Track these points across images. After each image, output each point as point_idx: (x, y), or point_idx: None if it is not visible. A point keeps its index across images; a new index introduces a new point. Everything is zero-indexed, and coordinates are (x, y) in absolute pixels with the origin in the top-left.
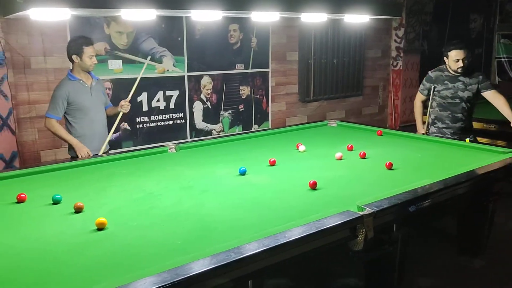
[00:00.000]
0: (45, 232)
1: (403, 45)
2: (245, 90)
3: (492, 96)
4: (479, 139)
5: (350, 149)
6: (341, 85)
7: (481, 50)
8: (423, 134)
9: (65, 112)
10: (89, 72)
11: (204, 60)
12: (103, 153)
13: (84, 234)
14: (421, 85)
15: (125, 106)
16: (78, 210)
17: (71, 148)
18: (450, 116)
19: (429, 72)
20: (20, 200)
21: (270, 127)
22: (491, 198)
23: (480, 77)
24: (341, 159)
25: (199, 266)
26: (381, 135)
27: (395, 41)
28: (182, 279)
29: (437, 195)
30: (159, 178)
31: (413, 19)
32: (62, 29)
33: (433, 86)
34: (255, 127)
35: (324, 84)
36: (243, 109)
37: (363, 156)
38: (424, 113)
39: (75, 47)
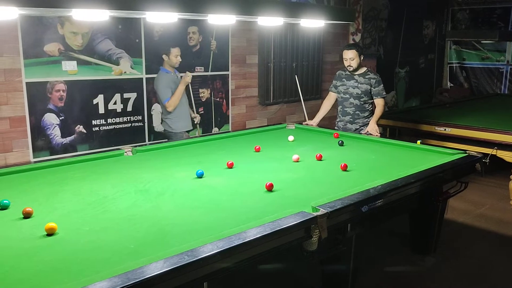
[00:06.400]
0: None
1: None
2: (204, 93)
3: (376, 103)
4: (430, 141)
5: (319, 158)
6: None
7: (433, 55)
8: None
9: None
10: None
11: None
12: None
13: (33, 240)
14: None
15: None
16: (26, 215)
17: None
18: (342, 110)
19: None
20: None
21: (230, 129)
22: (440, 198)
23: (373, 80)
24: (298, 161)
25: (151, 270)
26: (338, 137)
27: None
28: (133, 283)
29: (388, 195)
30: (114, 181)
31: (369, 25)
32: (13, 28)
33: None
34: (215, 129)
35: (284, 88)
36: (202, 111)
37: (320, 158)
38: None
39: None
